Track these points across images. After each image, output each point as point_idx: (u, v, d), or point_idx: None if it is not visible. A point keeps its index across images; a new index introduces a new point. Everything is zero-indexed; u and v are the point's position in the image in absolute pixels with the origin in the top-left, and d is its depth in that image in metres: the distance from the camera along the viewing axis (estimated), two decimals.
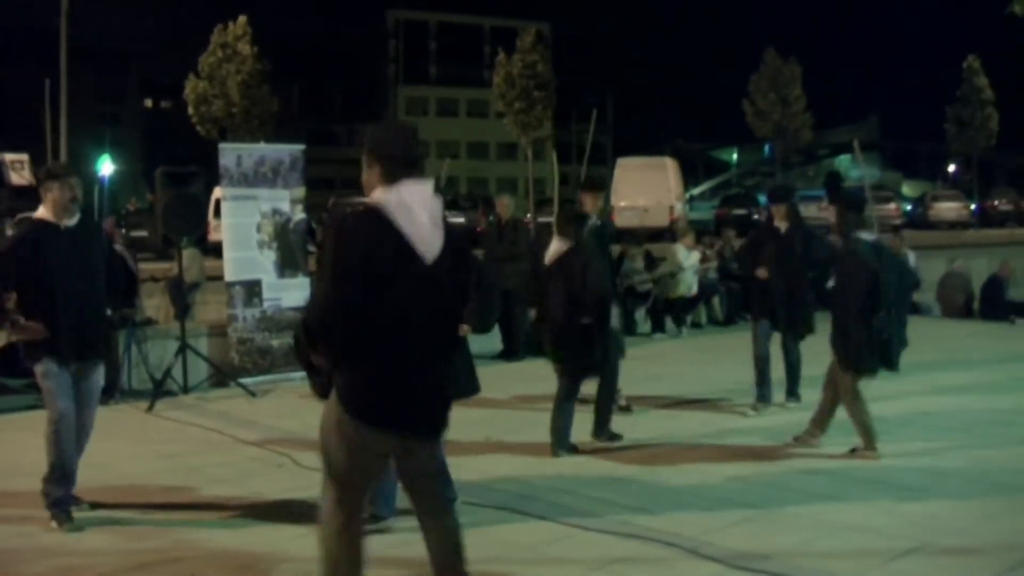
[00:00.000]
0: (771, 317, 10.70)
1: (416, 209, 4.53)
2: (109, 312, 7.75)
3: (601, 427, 9.37)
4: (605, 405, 9.43)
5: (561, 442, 8.88)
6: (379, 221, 4.49)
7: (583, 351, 8.78)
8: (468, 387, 7.93)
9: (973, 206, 50.23)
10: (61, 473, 7.09)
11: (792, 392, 10.85)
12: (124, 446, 9.36)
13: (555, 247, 8.96)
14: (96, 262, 7.32)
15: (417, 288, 4.57)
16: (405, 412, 4.63)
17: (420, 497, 4.87)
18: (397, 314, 4.52)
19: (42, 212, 7.19)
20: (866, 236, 8.67)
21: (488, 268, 7.86)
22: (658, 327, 17.16)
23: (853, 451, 8.66)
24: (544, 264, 9.03)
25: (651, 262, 17.65)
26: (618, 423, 9.54)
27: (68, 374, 7.11)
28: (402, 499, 5.39)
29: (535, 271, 9.43)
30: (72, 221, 7.18)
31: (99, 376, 7.42)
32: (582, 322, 8.67)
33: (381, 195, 4.56)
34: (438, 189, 4.95)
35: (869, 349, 8.45)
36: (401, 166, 4.61)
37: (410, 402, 4.63)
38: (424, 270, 4.56)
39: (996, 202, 54.29)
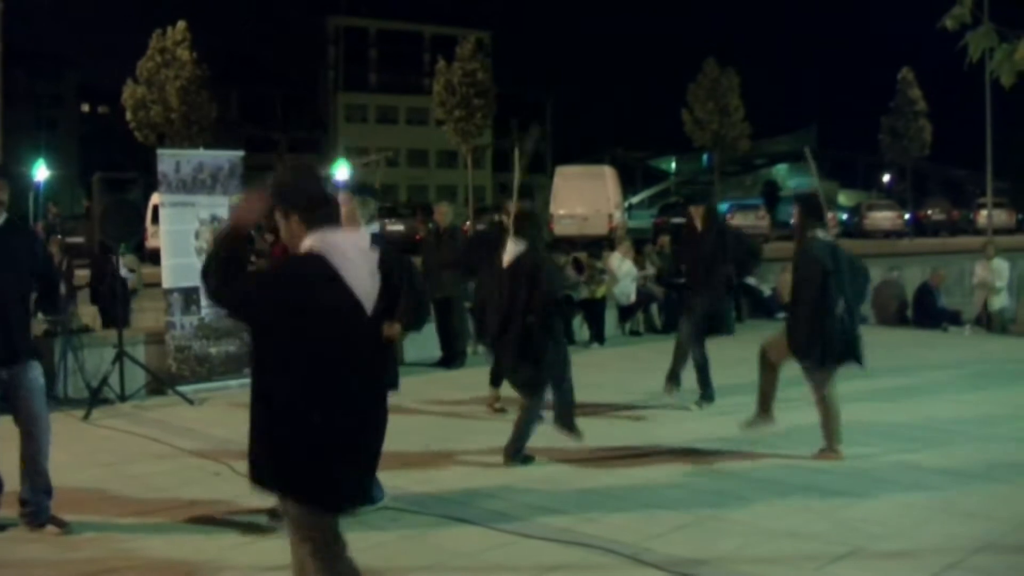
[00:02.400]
0: (689, 314, 11.11)
1: (357, 262, 4.40)
2: (43, 317, 7.61)
3: (563, 417, 9.29)
4: (565, 400, 9.31)
5: (517, 454, 8.85)
6: (325, 270, 4.33)
7: (535, 357, 8.79)
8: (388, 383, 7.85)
9: (907, 215, 50.91)
10: None
11: (706, 396, 11.22)
12: (60, 455, 9.21)
13: (512, 248, 8.98)
14: (22, 265, 7.18)
15: (360, 341, 4.45)
16: (350, 487, 4.48)
17: None
18: (342, 369, 4.38)
19: None
20: (823, 236, 8.84)
21: (416, 271, 7.83)
22: (596, 337, 17.21)
23: (822, 451, 8.78)
24: (500, 265, 9.03)
25: (580, 269, 17.69)
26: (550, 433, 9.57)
27: None
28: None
29: (471, 241, 9.36)
30: None
31: (35, 374, 7.19)
32: (527, 322, 8.69)
33: (318, 243, 4.37)
34: (374, 195, 4.92)
35: (818, 343, 8.60)
36: (317, 207, 4.43)
37: (352, 473, 4.47)
38: (366, 321, 4.45)
39: (929, 212, 55.12)
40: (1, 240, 7.05)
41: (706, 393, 11.24)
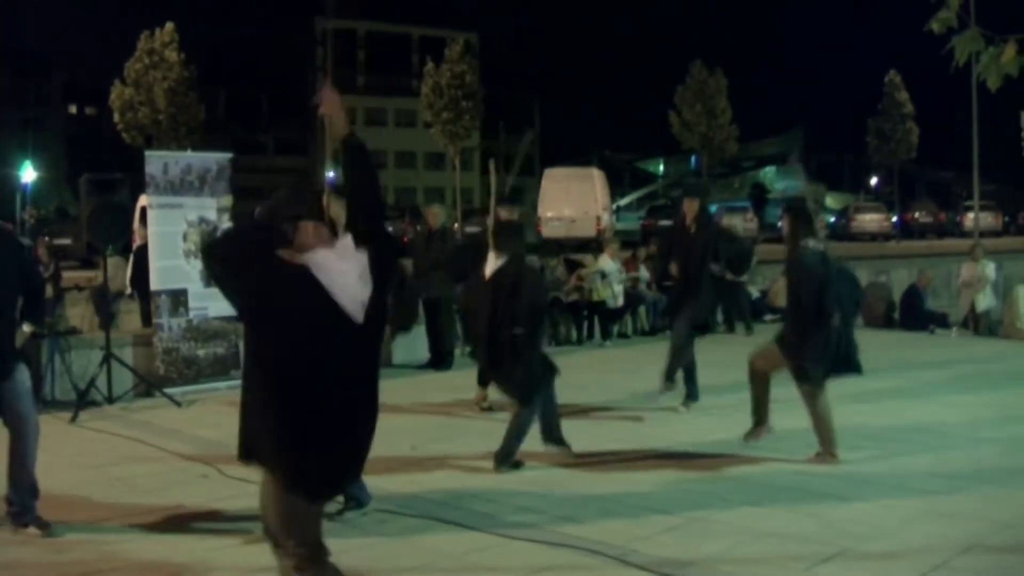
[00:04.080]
0: (675, 310, 11.09)
1: (343, 270, 4.44)
2: (28, 325, 7.60)
3: (550, 432, 9.31)
4: (550, 413, 9.36)
5: (505, 461, 8.85)
6: (309, 281, 4.41)
7: (524, 366, 8.82)
8: None
9: (894, 218, 51.05)
10: None
11: (691, 395, 11.21)
12: (47, 457, 9.20)
13: (493, 262, 8.99)
14: (8, 275, 7.18)
15: (347, 348, 4.50)
16: (333, 475, 4.60)
17: None
18: (325, 373, 4.45)
19: None
20: (814, 245, 8.84)
21: (406, 274, 7.79)
22: (583, 337, 17.23)
23: (818, 455, 8.78)
24: (484, 277, 9.04)
25: (572, 270, 17.69)
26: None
27: None
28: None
29: (461, 248, 9.40)
30: None
31: (23, 376, 7.23)
32: (514, 333, 8.71)
33: (307, 256, 4.46)
34: None
35: (820, 356, 8.62)
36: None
37: (336, 463, 4.58)
38: (354, 330, 4.48)
39: (916, 214, 55.31)
40: None
41: (692, 392, 11.24)
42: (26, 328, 7.47)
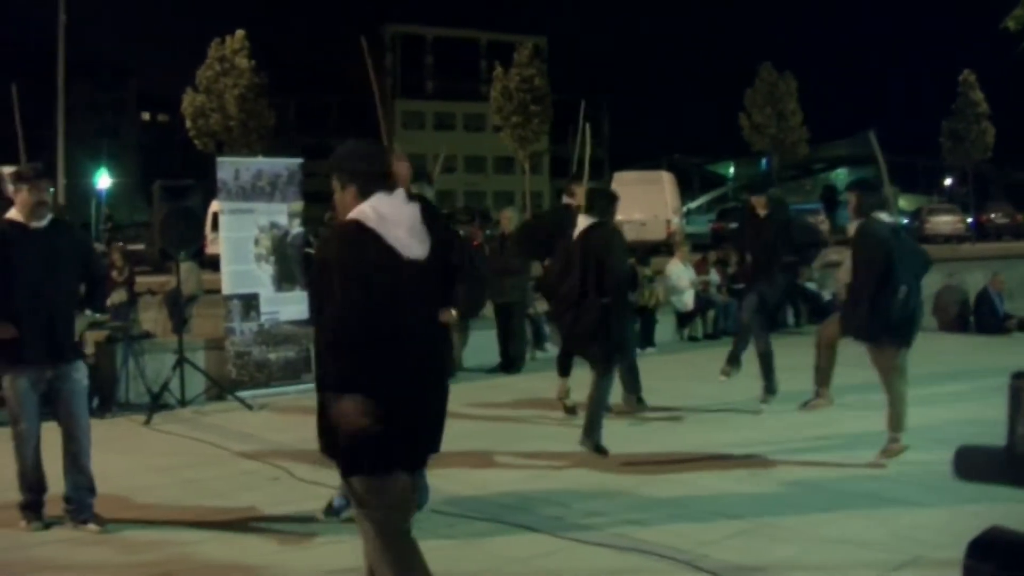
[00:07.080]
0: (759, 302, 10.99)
1: (392, 221, 4.49)
2: (90, 314, 7.81)
3: (632, 390, 9.92)
4: (631, 377, 9.94)
5: (593, 433, 9.02)
6: (363, 232, 4.45)
7: (604, 331, 8.93)
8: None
9: (969, 220, 50.35)
10: (26, 481, 7.24)
11: (769, 388, 11.11)
12: (121, 459, 9.37)
13: (582, 222, 9.14)
14: (67, 264, 7.33)
15: (412, 294, 4.52)
16: (420, 442, 4.62)
17: None
18: (398, 326, 4.46)
19: (12, 213, 7.23)
20: (885, 217, 8.77)
21: (478, 254, 7.92)
22: (648, 342, 17.16)
23: (883, 451, 8.71)
24: (571, 240, 9.22)
25: (633, 276, 17.58)
26: (617, 433, 9.57)
27: (36, 393, 7.16)
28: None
29: (525, 228, 9.65)
30: (42, 223, 7.21)
31: (80, 375, 7.37)
32: (602, 302, 8.82)
33: (357, 210, 4.52)
34: (429, 181, 5.02)
35: (878, 323, 8.53)
36: (376, 182, 4.59)
37: (422, 428, 4.61)
38: (413, 272, 4.52)
39: (992, 215, 54.44)
40: (46, 241, 7.20)
41: (769, 385, 11.08)
42: (88, 314, 7.66)
